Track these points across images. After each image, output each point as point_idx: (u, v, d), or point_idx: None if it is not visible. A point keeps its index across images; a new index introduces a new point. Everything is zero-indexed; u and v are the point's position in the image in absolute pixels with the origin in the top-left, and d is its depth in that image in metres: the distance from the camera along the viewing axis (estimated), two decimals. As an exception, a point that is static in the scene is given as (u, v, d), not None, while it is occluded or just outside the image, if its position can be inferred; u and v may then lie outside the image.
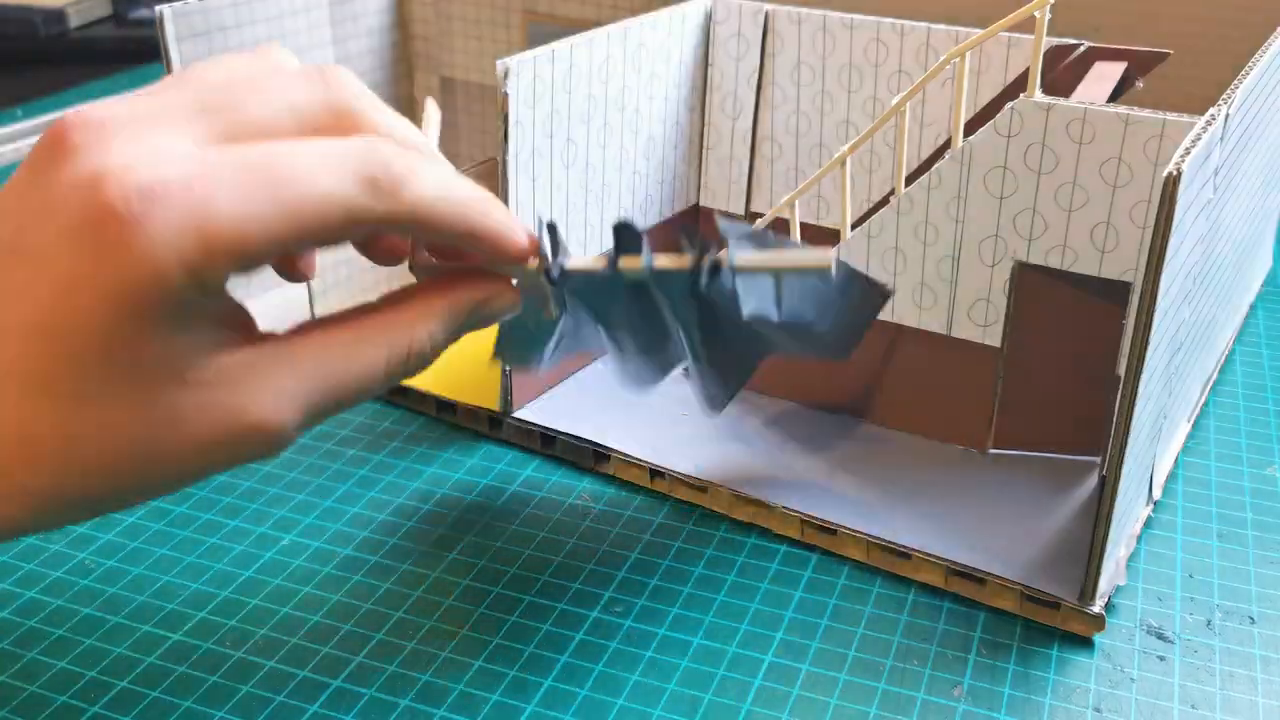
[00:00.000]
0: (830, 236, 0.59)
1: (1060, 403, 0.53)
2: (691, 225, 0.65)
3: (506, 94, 0.50)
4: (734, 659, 0.44)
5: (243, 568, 0.48)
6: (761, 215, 0.62)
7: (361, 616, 0.46)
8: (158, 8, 0.56)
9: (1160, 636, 0.45)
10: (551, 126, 0.53)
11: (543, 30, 0.67)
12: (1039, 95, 0.48)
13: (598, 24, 0.63)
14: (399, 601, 0.47)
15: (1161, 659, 0.44)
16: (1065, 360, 0.52)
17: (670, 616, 0.46)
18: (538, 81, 0.51)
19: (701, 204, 0.66)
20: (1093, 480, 0.52)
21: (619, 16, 0.63)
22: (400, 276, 0.48)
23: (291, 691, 0.42)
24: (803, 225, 0.61)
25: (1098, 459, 0.53)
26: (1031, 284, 0.51)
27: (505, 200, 0.52)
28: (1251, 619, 0.46)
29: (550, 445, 0.55)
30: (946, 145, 0.57)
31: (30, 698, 0.42)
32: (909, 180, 0.57)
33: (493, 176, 0.69)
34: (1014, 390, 0.53)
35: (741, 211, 0.64)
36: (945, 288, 0.52)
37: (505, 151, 0.51)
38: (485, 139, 0.74)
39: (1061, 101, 0.48)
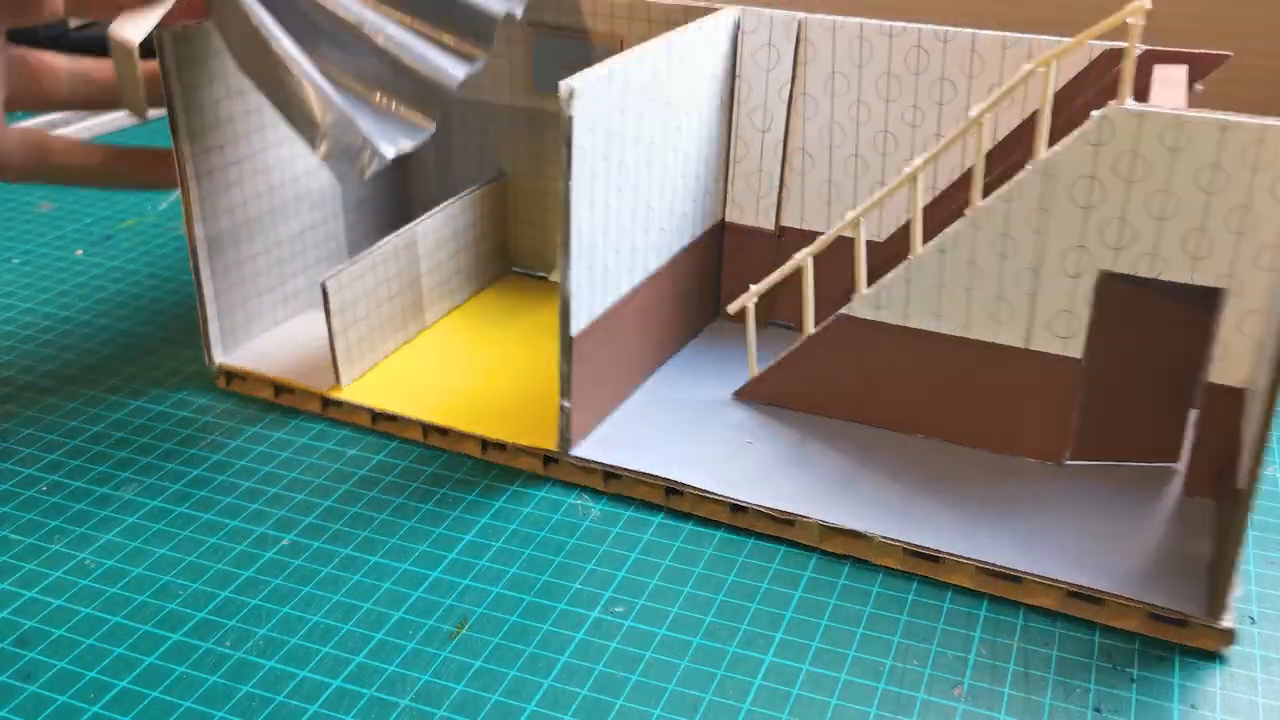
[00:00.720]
0: (880, 250, 0.58)
1: (1139, 411, 0.52)
2: None
3: (572, 117, 0.47)
4: (734, 659, 0.44)
5: (243, 568, 0.48)
6: (793, 230, 0.62)
7: (361, 617, 0.46)
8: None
9: (1160, 636, 0.45)
10: (607, 149, 0.51)
11: (546, 43, 0.65)
12: (1130, 103, 0.47)
13: (611, 34, 0.63)
14: (398, 602, 0.47)
15: (1161, 659, 0.44)
16: (1145, 368, 0.51)
17: (670, 617, 0.46)
18: (597, 102, 0.49)
19: (727, 220, 0.64)
20: (1171, 488, 0.52)
21: (634, 29, 0.62)
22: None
23: (291, 692, 0.42)
24: (840, 238, 0.59)
25: (1175, 465, 0.53)
26: (1115, 293, 0.50)
27: (567, 231, 0.49)
28: (1252, 619, 0.46)
29: (615, 482, 0.53)
30: (994, 152, 0.56)
31: (30, 698, 0.42)
32: (945, 195, 0.57)
33: (499, 198, 0.68)
34: (1093, 400, 0.52)
35: (771, 226, 0.63)
36: (1024, 300, 0.51)
37: (569, 178, 0.48)
38: (484, 159, 0.70)
39: (1154, 109, 0.46)
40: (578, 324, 0.52)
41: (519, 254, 0.71)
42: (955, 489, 0.52)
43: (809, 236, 0.60)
